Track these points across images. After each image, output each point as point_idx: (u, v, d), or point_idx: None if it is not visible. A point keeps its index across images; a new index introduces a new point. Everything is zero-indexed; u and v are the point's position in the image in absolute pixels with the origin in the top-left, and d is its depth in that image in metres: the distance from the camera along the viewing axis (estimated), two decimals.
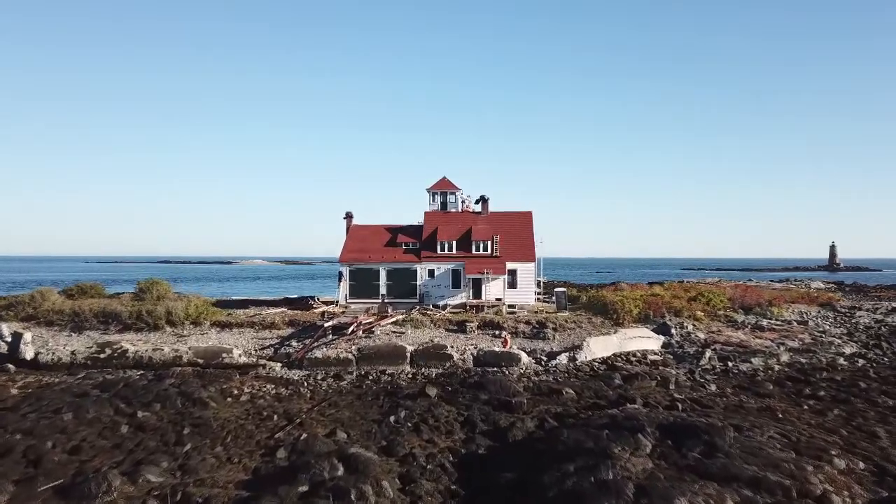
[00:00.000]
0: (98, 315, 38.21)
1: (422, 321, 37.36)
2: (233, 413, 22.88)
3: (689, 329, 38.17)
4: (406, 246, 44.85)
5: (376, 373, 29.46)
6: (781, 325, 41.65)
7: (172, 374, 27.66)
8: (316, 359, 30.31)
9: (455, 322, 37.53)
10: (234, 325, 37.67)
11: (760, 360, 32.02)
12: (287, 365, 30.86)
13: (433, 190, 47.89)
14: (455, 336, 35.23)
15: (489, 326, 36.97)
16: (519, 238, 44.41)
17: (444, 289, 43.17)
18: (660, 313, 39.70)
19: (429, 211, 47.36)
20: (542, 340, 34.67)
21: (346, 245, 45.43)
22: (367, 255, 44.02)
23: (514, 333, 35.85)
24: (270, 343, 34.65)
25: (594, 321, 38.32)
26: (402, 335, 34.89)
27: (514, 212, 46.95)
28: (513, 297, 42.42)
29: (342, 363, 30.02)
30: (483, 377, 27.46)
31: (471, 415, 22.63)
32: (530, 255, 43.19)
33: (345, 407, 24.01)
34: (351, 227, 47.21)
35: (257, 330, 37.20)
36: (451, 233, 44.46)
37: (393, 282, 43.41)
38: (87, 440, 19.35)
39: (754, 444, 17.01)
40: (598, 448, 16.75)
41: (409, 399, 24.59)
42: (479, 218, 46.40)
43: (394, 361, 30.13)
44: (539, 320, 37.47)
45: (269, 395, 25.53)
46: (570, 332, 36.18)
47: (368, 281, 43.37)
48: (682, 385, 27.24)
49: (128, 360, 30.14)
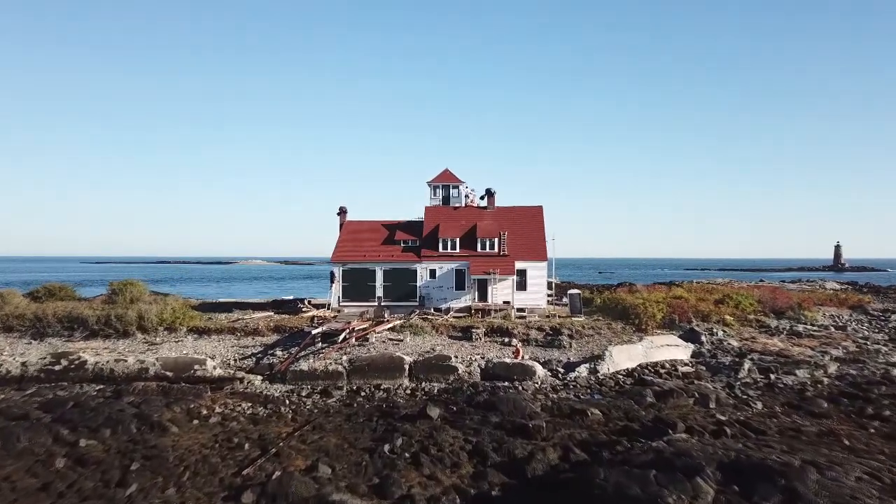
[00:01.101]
0: (63, 320, 34.78)
1: (422, 327, 33.89)
2: (197, 440, 19.42)
3: (720, 336, 34.67)
4: (405, 244, 41.40)
5: (370, 388, 25.99)
6: (819, 330, 38.14)
7: (134, 391, 24.22)
8: (301, 371, 26.83)
9: (459, 328, 34.06)
10: (214, 332, 34.21)
11: (806, 371, 28.53)
12: (268, 378, 27.39)
13: (434, 183, 44.42)
14: (459, 344, 31.76)
15: (497, 333, 33.49)
16: (529, 235, 40.93)
17: (447, 291, 39.71)
18: (686, 318, 36.21)
19: (430, 206, 43.88)
20: (557, 349, 31.20)
21: (338, 242, 41.97)
22: (361, 253, 40.56)
23: (525, 341, 32.37)
24: (252, 352, 31.20)
25: (614, 327, 34.82)
26: (399, 343, 31.42)
27: (523, 206, 43.45)
28: (522, 300, 38.93)
29: (331, 377, 26.54)
30: (493, 394, 24.01)
31: (480, 442, 19.22)
32: (541, 254, 39.72)
33: (331, 431, 20.56)
34: (345, 222, 43.75)
35: (238, 337, 33.75)
36: (454, 229, 41.00)
37: (390, 283, 39.95)
38: (11, 479, 15.89)
39: (844, 491, 13.52)
40: (647, 497, 13.29)
41: (407, 421, 21.15)
42: (484, 213, 42.91)
43: (390, 374, 26.66)
44: (553, 326, 33.98)
45: (244, 417, 22.07)
46: (588, 340, 32.69)
47: (363, 282, 39.91)
48: (724, 403, 23.76)
49: (86, 373, 26.69)
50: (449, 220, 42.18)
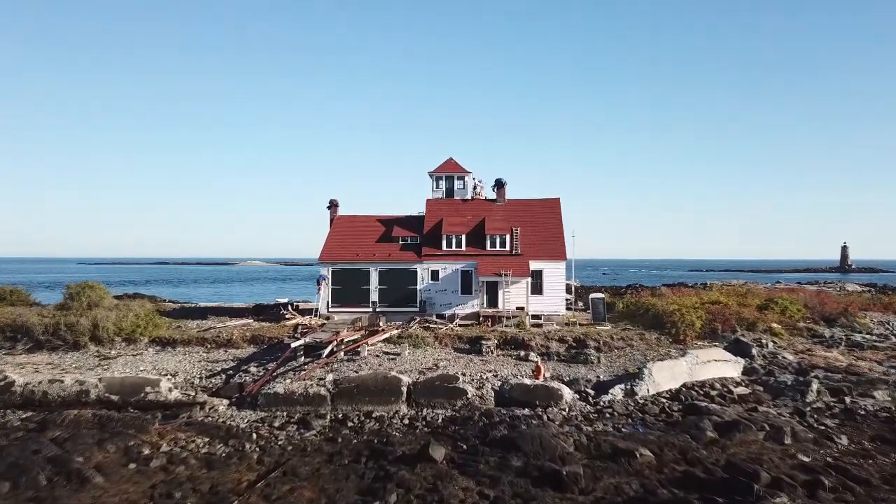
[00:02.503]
0: (5, 329, 30.33)
1: (423, 338, 29.39)
2: (126, 497, 14.92)
3: (771, 348, 30.11)
4: (404, 241, 36.91)
5: (359, 416, 21.47)
6: (880, 340, 33.57)
7: (63, 421, 19.72)
8: (275, 395, 22.30)
9: (466, 339, 29.56)
10: (180, 343, 29.73)
11: (885, 393, 24.05)
12: (236, 402, 22.90)
13: (437, 173, 39.87)
14: (467, 359, 27.26)
15: (511, 345, 28.97)
16: (545, 231, 36.40)
17: (452, 295, 35.19)
18: (729, 327, 31.64)
19: (432, 198, 39.37)
20: (583, 365, 26.68)
21: (328, 239, 37.46)
22: (354, 252, 36.04)
23: (545, 355, 27.88)
24: (222, 368, 26.74)
25: (647, 338, 30.27)
26: (396, 358, 26.92)
27: (539, 199, 38.90)
28: (538, 306, 34.40)
29: (311, 401, 22.01)
30: (513, 427, 19.53)
31: (500, 496, 14.79)
32: (560, 253, 35.18)
33: (306, 479, 16.08)
34: (336, 217, 39.25)
35: (208, 349, 29.28)
36: (459, 225, 36.50)
37: (387, 286, 35.43)
38: None
39: None
40: None
41: (403, 465, 16.68)
42: (494, 206, 38.37)
43: (384, 399, 22.13)
44: (576, 337, 29.45)
45: (196, 458, 17.54)
46: (619, 354, 28.17)
47: (356, 285, 35.39)
48: (802, 439, 19.20)
49: (13, 397, 22.20)
50: (454, 214, 37.68)
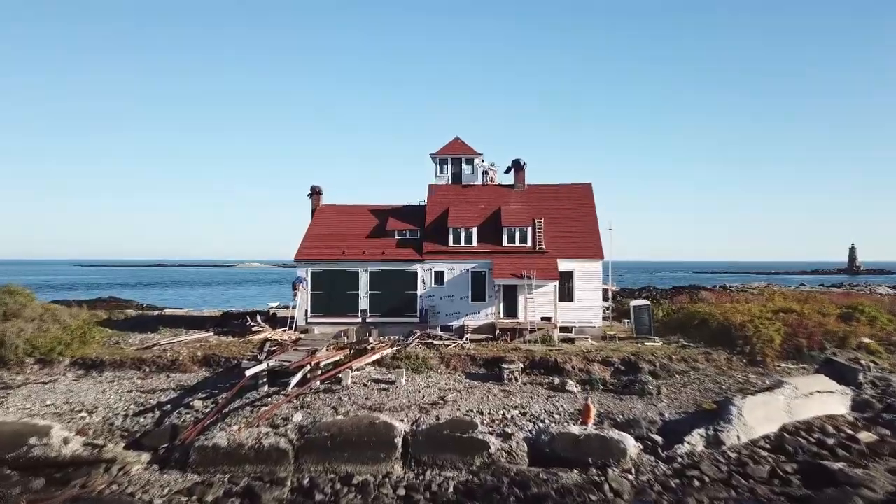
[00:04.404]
0: None
1: (425, 359, 23.01)
2: None
3: (875, 371, 23.60)
4: (401, 235, 30.52)
5: (333, 483, 15.01)
6: None
7: None
8: (214, 449, 15.85)
9: (482, 360, 23.16)
10: (110, 365, 23.37)
11: None
12: (162, 457, 16.49)
13: (441, 155, 33.44)
14: (484, 389, 20.82)
15: (540, 368, 22.57)
16: (575, 223, 29.96)
17: (460, 302, 28.76)
18: (817, 344, 25.15)
19: (435, 184, 32.96)
20: (638, 398, 20.25)
21: (308, 234, 31.05)
22: (339, 249, 29.62)
23: (585, 383, 21.44)
24: (158, 401, 20.40)
25: (714, 358, 23.80)
26: (389, 388, 20.50)
27: (566, 184, 32.43)
28: (569, 315, 27.97)
29: (265, 458, 15.58)
30: None
31: None
32: (594, 249, 28.75)
33: None
34: (318, 208, 32.86)
35: (145, 374, 22.92)
36: (469, 215, 30.11)
37: (380, 291, 29.01)
38: None
39: None
40: None
41: None
42: (511, 193, 31.92)
43: (370, 455, 15.67)
44: (624, 357, 23.00)
45: None
46: (682, 381, 21.73)
47: (342, 290, 28.97)
48: None
49: None
50: (462, 202, 31.28)
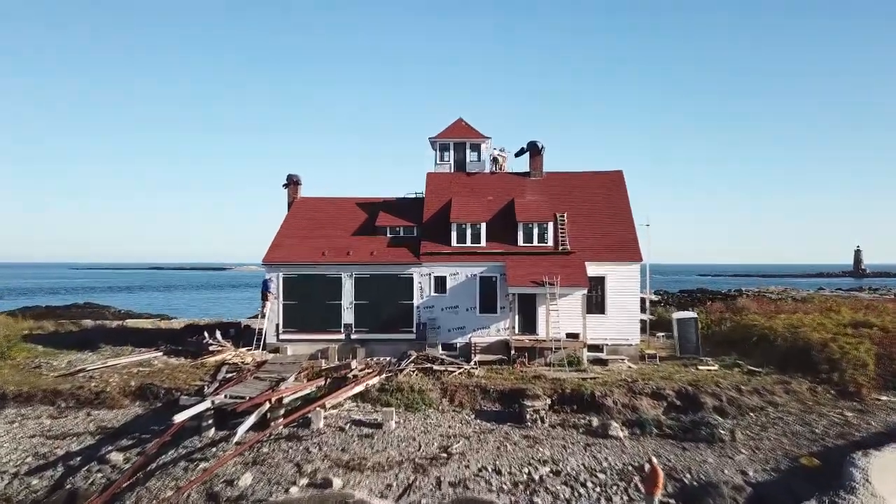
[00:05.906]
0: None
1: (422, 391, 17.92)
2: None
3: None
4: (394, 233, 25.49)
5: None
6: None
7: None
8: None
9: (495, 392, 18.08)
10: (13, 399, 18.32)
11: None
12: None
13: (441, 139, 28.39)
14: (501, 435, 15.72)
15: (572, 403, 17.49)
16: (606, 218, 24.91)
17: (466, 314, 23.68)
18: None
19: (435, 172, 27.92)
20: (707, 446, 15.16)
21: (280, 232, 26.01)
22: (318, 250, 24.56)
23: (631, 425, 16.35)
24: (66, 451, 15.39)
25: (796, 389, 18.69)
26: (375, 433, 15.42)
27: (591, 172, 27.36)
28: (600, 331, 22.89)
29: None
30: None
31: None
32: (630, 250, 23.70)
33: None
34: (296, 201, 27.82)
35: (60, 410, 17.93)
36: (476, 208, 25.08)
37: (367, 301, 23.94)
38: None
39: None
40: None
41: None
42: (527, 182, 26.87)
43: None
44: (679, 389, 17.90)
45: None
46: (761, 422, 16.65)
47: (321, 300, 23.91)
48: None
49: None
50: (468, 193, 26.25)
